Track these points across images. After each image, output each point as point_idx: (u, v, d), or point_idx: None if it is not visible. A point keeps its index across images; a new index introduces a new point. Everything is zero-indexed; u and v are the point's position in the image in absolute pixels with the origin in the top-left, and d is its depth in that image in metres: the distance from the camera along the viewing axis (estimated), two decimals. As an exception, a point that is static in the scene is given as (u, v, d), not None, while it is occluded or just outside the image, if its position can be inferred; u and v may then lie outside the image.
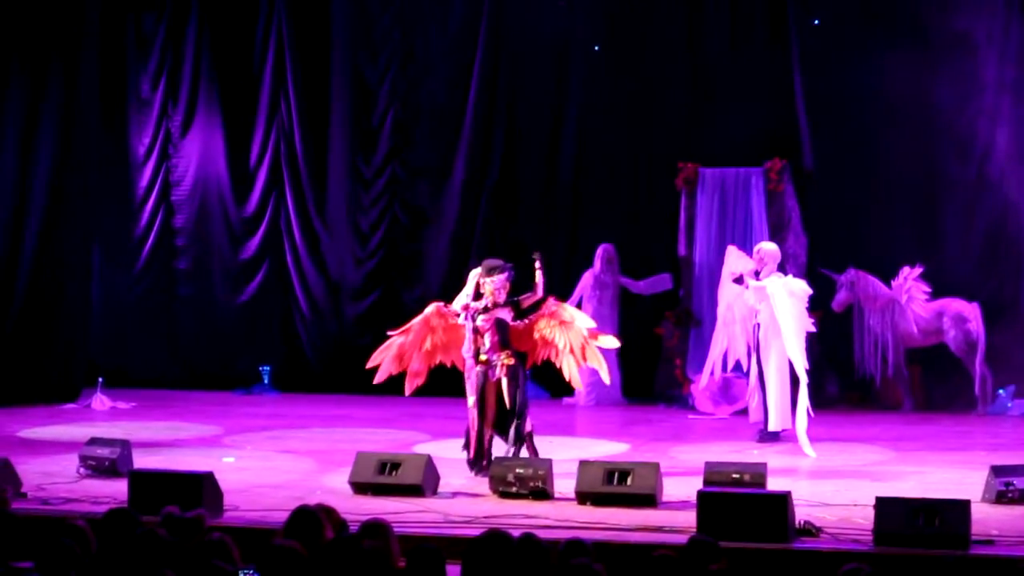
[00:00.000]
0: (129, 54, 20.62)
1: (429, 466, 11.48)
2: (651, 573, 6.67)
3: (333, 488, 11.63)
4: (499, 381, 12.42)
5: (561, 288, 18.83)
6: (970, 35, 17.74)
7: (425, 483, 11.33)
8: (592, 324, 12.88)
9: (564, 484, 11.27)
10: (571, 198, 19.78)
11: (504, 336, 12.40)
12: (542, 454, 12.14)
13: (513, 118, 19.92)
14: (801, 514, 9.96)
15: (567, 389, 18.64)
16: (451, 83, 19.95)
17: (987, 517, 10.21)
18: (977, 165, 18.03)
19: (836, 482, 12.15)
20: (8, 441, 14.57)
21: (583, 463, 11.32)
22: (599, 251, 18.70)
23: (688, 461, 13.04)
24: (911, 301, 17.89)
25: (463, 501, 11.13)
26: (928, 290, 17.81)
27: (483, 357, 12.42)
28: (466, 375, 12.60)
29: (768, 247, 15.12)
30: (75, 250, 19.06)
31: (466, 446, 12.56)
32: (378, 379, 12.91)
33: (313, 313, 20.40)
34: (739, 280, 14.83)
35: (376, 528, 7.34)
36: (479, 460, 12.31)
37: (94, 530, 7.47)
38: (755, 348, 14.82)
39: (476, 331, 12.43)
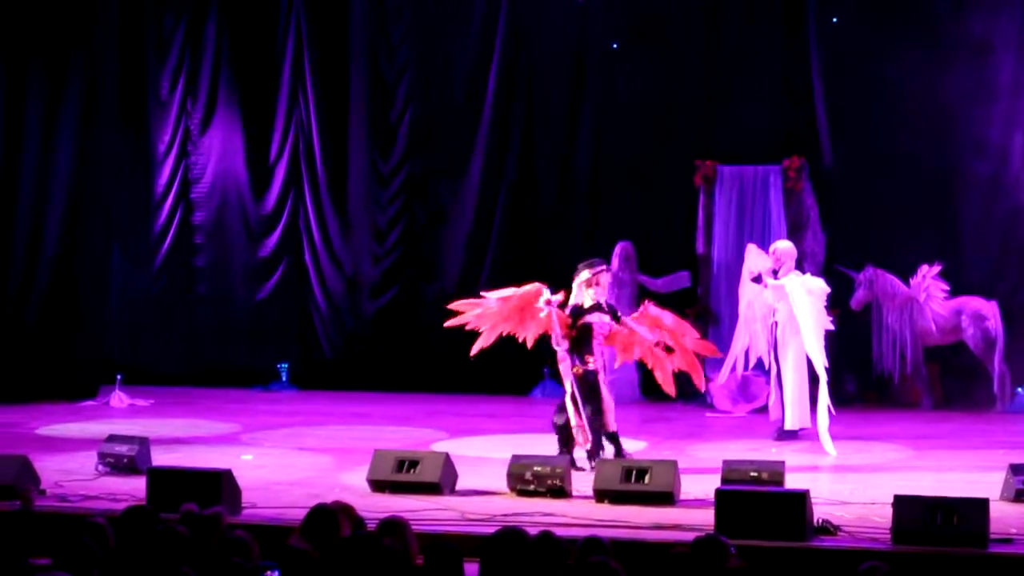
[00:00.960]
0: (148, 53, 20.65)
1: (447, 464, 11.48)
2: (668, 571, 6.66)
3: (351, 486, 11.64)
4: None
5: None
6: (987, 37, 17.75)
7: (443, 481, 11.33)
8: (694, 333, 13.23)
9: (582, 482, 11.27)
10: (588, 196, 19.78)
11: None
12: (556, 452, 12.15)
13: (531, 117, 19.92)
14: (819, 512, 9.95)
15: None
16: (469, 82, 19.95)
17: (1005, 515, 10.19)
18: (994, 166, 18.01)
19: (854, 480, 12.14)
20: (27, 438, 14.61)
21: (601, 461, 11.33)
22: (617, 249, 18.69)
23: (706, 459, 13.04)
24: (929, 299, 17.86)
25: (481, 499, 11.13)
26: (946, 288, 17.79)
27: (589, 358, 12.56)
28: (569, 370, 12.61)
29: (783, 246, 15.09)
30: (94, 248, 19.13)
31: (566, 442, 12.58)
32: (450, 323, 13.11)
33: (331, 310, 20.42)
34: (757, 279, 14.80)
35: (394, 526, 7.36)
36: (597, 451, 12.41)
37: (113, 527, 7.49)
38: (773, 346, 14.79)
39: (587, 330, 12.55)
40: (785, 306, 14.46)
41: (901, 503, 9.54)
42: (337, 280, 20.40)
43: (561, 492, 11.14)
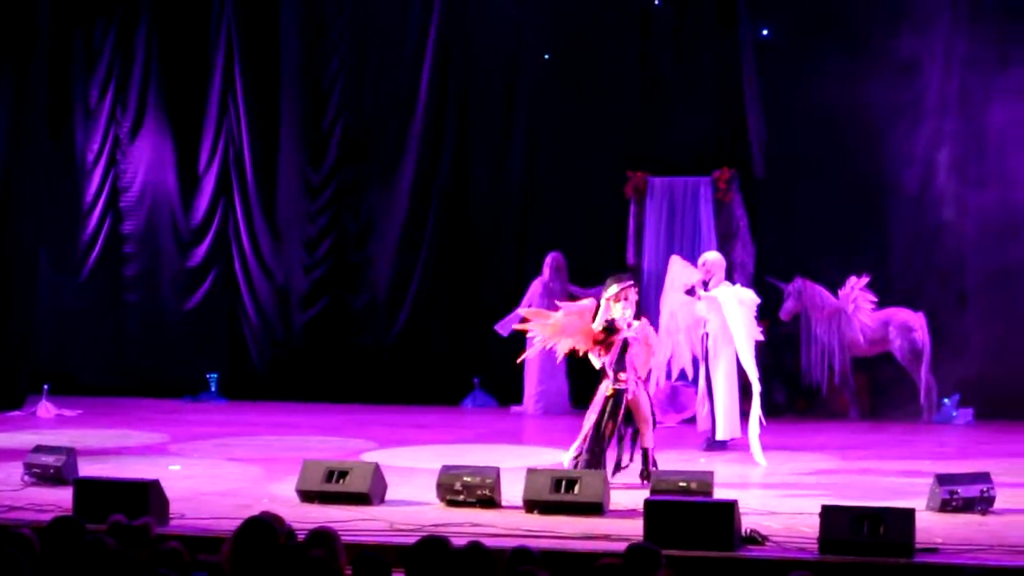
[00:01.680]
0: (76, 61, 20.54)
1: (376, 474, 11.45)
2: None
3: (280, 496, 11.59)
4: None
5: (510, 295, 18.90)
6: (915, 54, 17.93)
7: (372, 491, 11.30)
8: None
9: (512, 492, 11.27)
10: (520, 206, 19.81)
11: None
12: (488, 462, 12.14)
13: (463, 125, 19.93)
14: (747, 522, 9.99)
15: (516, 397, 18.71)
16: (402, 89, 19.92)
17: (931, 525, 10.27)
18: (921, 180, 18.17)
19: (782, 490, 12.20)
20: (-48, 449, 14.48)
21: (531, 471, 11.33)
22: (548, 259, 18.73)
23: (635, 469, 13.05)
24: (857, 310, 18.00)
25: (410, 510, 11.11)
26: (874, 299, 17.93)
27: (623, 373, 12.46)
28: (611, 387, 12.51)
29: (713, 257, 15.14)
30: (22, 256, 18.94)
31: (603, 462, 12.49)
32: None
33: (261, 320, 20.34)
34: (691, 292, 14.81)
35: (323, 537, 7.33)
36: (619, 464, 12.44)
37: (39, 538, 7.43)
38: (704, 357, 14.84)
39: (624, 345, 12.48)
40: (717, 317, 14.50)
41: (828, 513, 9.60)
42: (267, 290, 20.33)
43: (491, 502, 11.14)
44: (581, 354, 12.84)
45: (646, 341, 12.69)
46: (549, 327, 12.55)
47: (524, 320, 12.98)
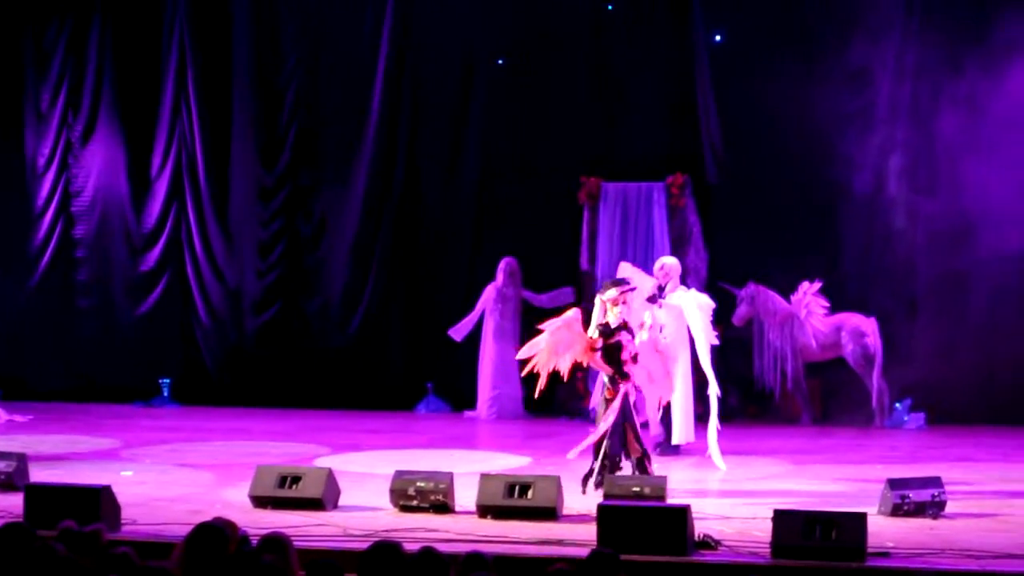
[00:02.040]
0: (27, 65, 20.43)
1: (330, 480, 11.44)
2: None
3: (232, 502, 11.56)
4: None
5: (463, 301, 18.90)
6: (866, 63, 18.02)
7: (325, 497, 11.29)
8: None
9: (465, 497, 11.27)
10: (474, 211, 19.80)
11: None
12: (441, 467, 12.12)
13: (417, 129, 19.91)
14: (700, 527, 10.02)
15: (469, 402, 18.71)
16: (356, 93, 19.88)
17: (883, 529, 10.32)
18: (872, 187, 18.26)
19: (735, 495, 12.24)
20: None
21: (484, 476, 11.33)
22: (501, 264, 18.74)
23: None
24: (810, 315, 18.07)
25: (364, 515, 11.10)
26: (827, 305, 18.01)
27: (621, 379, 12.33)
28: (606, 392, 12.40)
29: (670, 261, 15.14)
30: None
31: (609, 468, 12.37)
32: (543, 385, 12.45)
33: (213, 325, 20.26)
34: (652, 299, 14.72)
35: (275, 542, 7.31)
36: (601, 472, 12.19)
37: (-11, 545, 7.38)
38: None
39: (618, 349, 12.32)
40: (674, 322, 14.46)
41: (781, 517, 9.64)
42: (220, 295, 20.25)
43: (444, 508, 11.13)
44: (586, 365, 12.80)
45: (655, 348, 12.62)
46: (543, 352, 12.30)
47: (525, 361, 12.47)
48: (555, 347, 12.29)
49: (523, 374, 12.58)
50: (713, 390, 13.76)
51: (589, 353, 12.33)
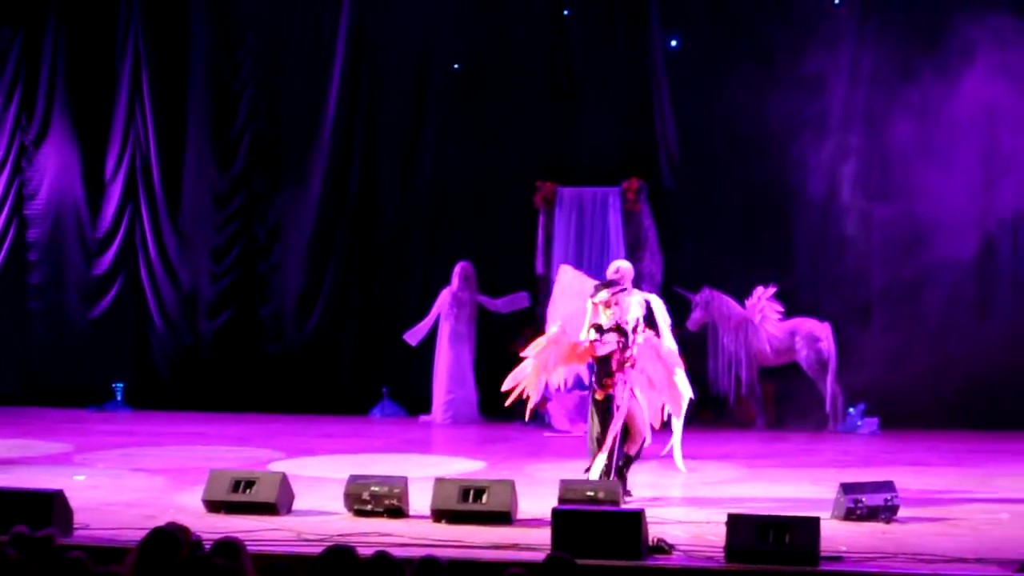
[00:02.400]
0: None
1: (284, 484, 11.40)
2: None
3: (185, 506, 11.51)
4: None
5: (418, 305, 18.89)
6: (822, 66, 18.08)
7: (279, 501, 11.25)
8: (682, 366, 12.69)
9: (420, 502, 11.26)
10: (429, 215, 19.80)
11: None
12: (396, 472, 12.09)
13: (372, 134, 19.90)
14: (654, 531, 10.03)
15: (424, 407, 18.68)
16: (312, 97, 19.86)
17: (836, 534, 10.35)
18: (826, 193, 18.34)
19: (689, 500, 12.27)
20: None
21: (438, 480, 11.32)
22: (457, 268, 18.74)
23: (544, 479, 13.08)
24: (764, 320, 18.15)
25: (318, 519, 11.07)
26: (781, 310, 18.09)
27: (610, 380, 12.19)
28: (596, 393, 12.29)
29: (626, 265, 15.06)
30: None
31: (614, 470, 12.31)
32: (533, 404, 12.36)
33: (167, 329, 20.19)
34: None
35: (229, 546, 7.28)
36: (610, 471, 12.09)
37: (-60, 550, 7.33)
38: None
39: (621, 350, 12.20)
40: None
41: (734, 522, 9.65)
42: (174, 299, 20.17)
43: (399, 512, 11.11)
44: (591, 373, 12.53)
45: (656, 355, 12.45)
46: (530, 376, 12.21)
47: (510, 390, 12.31)
48: (543, 366, 12.23)
49: (509, 402, 12.48)
50: (686, 392, 13.58)
51: (586, 357, 12.27)
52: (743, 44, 18.50)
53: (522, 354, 12.47)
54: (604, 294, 12.42)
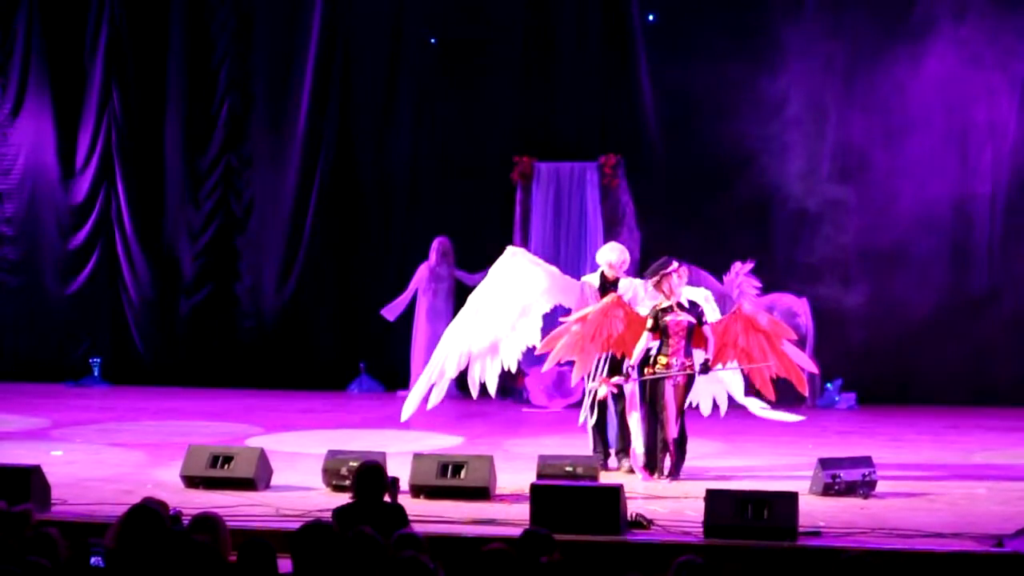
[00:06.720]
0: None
1: (262, 459, 11.40)
2: (483, 565, 6.69)
3: (164, 482, 11.50)
4: (677, 386, 12.14)
5: (396, 280, 18.86)
6: (799, 42, 18.05)
7: (258, 476, 11.25)
8: (791, 335, 12.56)
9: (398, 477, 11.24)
10: (407, 190, 19.76)
11: (690, 341, 12.11)
12: (374, 447, 12.08)
13: (349, 110, 19.83)
14: (633, 507, 10.06)
15: (402, 382, 18.65)
16: (288, 73, 19.79)
17: (814, 509, 10.40)
18: (804, 169, 18.32)
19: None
20: None
21: (417, 456, 11.33)
22: (434, 244, 18.70)
23: (522, 454, 13.10)
24: (742, 296, 18.11)
25: (296, 495, 11.08)
26: (759, 285, 18.07)
27: (664, 360, 12.03)
28: (632, 375, 12.15)
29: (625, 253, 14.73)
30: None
31: (623, 451, 12.39)
32: (549, 365, 12.50)
33: (144, 305, 20.12)
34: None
35: (207, 522, 7.29)
36: (653, 464, 12.02)
37: (-84, 526, 7.31)
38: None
39: (664, 332, 12.03)
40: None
41: (713, 497, 9.69)
42: (151, 274, 20.10)
43: (377, 487, 11.10)
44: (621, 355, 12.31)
45: (753, 324, 12.29)
46: (567, 344, 12.11)
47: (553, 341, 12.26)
48: (590, 334, 12.06)
49: (545, 368, 12.37)
50: (807, 366, 13.31)
51: (638, 331, 12.05)
52: (721, 19, 18.46)
53: (561, 319, 12.37)
54: (655, 276, 12.23)
